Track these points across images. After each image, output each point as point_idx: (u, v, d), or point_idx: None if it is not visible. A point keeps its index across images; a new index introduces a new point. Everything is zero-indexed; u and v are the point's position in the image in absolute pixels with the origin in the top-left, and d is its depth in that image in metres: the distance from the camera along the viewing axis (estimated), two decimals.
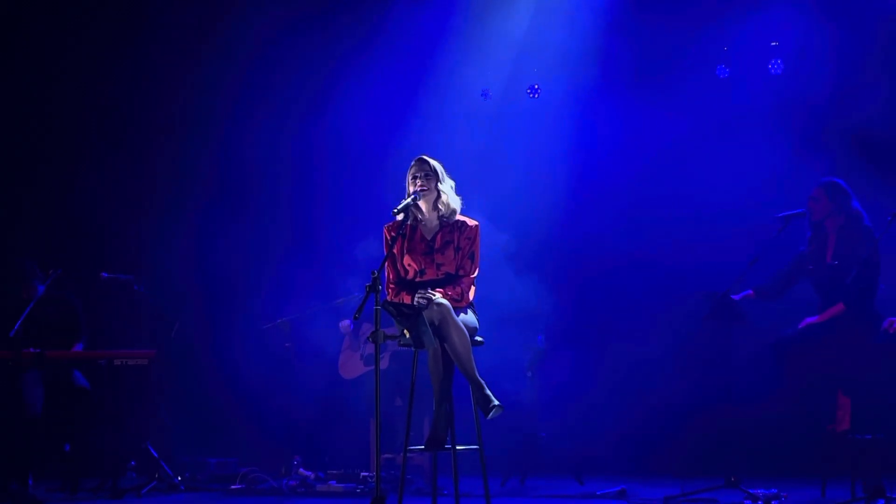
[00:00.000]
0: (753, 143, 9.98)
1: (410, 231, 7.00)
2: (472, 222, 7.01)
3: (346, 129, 10.77)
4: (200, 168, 10.94)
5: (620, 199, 10.39)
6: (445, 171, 7.01)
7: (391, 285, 7.02)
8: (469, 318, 6.89)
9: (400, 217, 6.87)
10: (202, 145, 10.93)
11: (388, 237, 7.00)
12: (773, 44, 10.00)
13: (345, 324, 9.90)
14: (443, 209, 6.95)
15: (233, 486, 9.34)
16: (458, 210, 7.02)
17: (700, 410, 9.54)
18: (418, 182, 6.92)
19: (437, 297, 6.71)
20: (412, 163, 6.99)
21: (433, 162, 6.99)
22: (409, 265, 6.97)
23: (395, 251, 6.97)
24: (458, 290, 6.87)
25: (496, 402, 6.62)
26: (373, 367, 7.91)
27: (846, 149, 9.46)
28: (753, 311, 8.32)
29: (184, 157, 10.86)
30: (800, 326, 8.12)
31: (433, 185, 6.94)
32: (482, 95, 10.72)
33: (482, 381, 6.68)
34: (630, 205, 10.34)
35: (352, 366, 9.89)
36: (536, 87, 10.64)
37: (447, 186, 6.99)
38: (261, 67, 10.87)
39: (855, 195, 8.15)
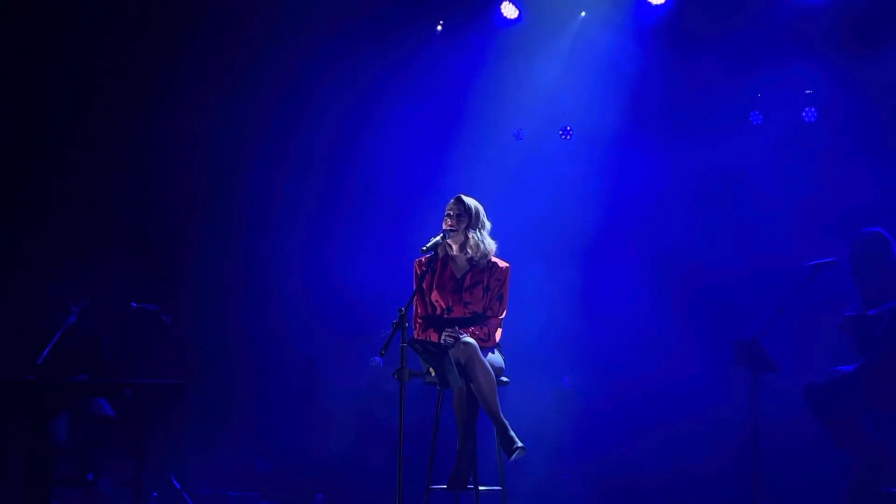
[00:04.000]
0: (787, 190, 9.93)
1: (441, 267, 6.99)
2: (502, 264, 7.00)
3: (377, 165, 10.81)
4: (233, 200, 10.98)
5: (650, 244, 10.35)
6: (485, 214, 7.00)
7: (418, 320, 7.01)
8: (495, 358, 6.87)
9: (430, 254, 6.87)
10: (230, 179, 10.96)
11: (419, 272, 6.99)
12: (808, 92, 9.98)
13: (375, 362, 9.90)
14: (471, 252, 6.94)
15: None
16: (492, 253, 6.98)
17: (726, 455, 9.45)
18: (449, 221, 6.93)
19: (465, 336, 6.69)
20: (452, 199, 6.99)
21: (470, 203, 6.95)
22: (437, 301, 6.97)
23: (423, 286, 6.97)
24: (486, 330, 6.86)
25: (520, 444, 6.59)
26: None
27: (881, 195, 9.40)
28: (782, 357, 8.24)
29: (212, 190, 10.90)
30: (832, 376, 8.04)
31: (462, 226, 6.92)
32: (515, 136, 10.75)
33: (506, 422, 6.65)
34: (659, 249, 10.30)
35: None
36: (569, 128, 10.65)
37: (480, 230, 6.95)
38: (290, 103, 10.92)
39: None
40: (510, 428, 6.65)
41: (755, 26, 9.94)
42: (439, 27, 10.80)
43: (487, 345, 6.84)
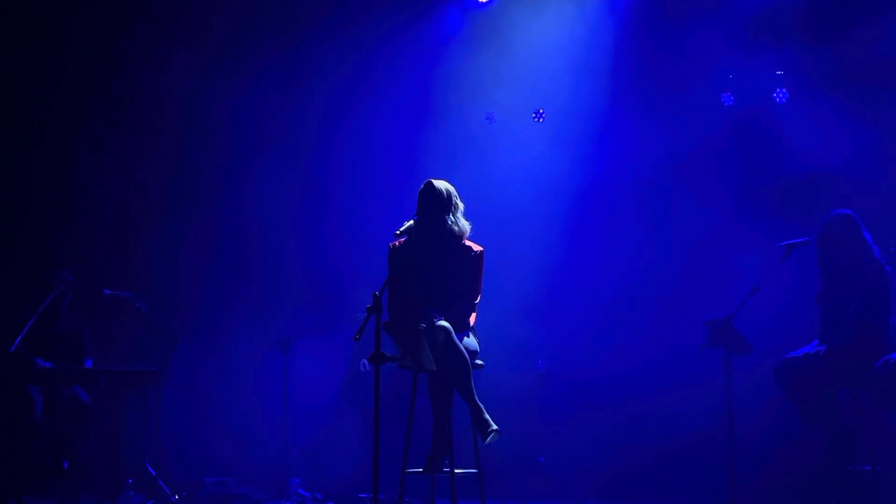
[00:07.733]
0: (758, 171, 9.98)
1: (415, 252, 6.97)
2: (476, 247, 6.99)
3: (353, 153, 10.81)
4: (206, 189, 10.95)
5: (623, 225, 10.37)
6: (457, 195, 6.98)
7: (393, 305, 7.00)
8: (470, 341, 6.88)
9: (403, 238, 6.87)
10: (206, 166, 10.93)
11: (393, 256, 6.99)
12: (779, 73, 10.01)
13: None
14: (445, 235, 6.93)
15: None
16: (466, 234, 6.98)
17: (702, 435, 9.49)
18: (421, 206, 6.92)
19: (439, 319, 6.70)
20: (422, 185, 6.97)
21: (442, 187, 6.92)
22: (412, 285, 6.96)
23: (398, 271, 6.95)
24: (460, 313, 6.86)
25: (494, 427, 6.61)
26: None
27: (851, 177, 9.43)
28: (754, 338, 8.28)
29: (185, 178, 10.87)
30: (800, 352, 8.07)
31: (438, 213, 6.89)
32: (487, 119, 10.75)
33: (481, 405, 6.67)
34: (633, 230, 10.33)
35: None
36: (541, 111, 10.66)
37: (454, 213, 6.94)
38: (271, 93, 10.90)
39: (865, 226, 8.12)
40: (485, 411, 6.66)
41: (728, 8, 9.95)
42: None
43: (462, 328, 6.85)
